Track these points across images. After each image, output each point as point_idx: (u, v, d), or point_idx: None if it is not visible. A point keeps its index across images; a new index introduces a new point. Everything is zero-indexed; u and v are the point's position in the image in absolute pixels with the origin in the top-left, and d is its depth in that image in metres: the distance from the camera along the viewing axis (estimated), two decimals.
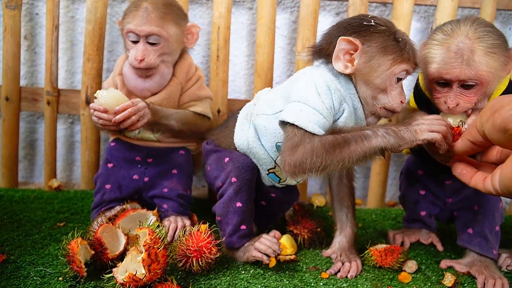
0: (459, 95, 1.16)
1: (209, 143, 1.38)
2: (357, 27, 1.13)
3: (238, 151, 1.29)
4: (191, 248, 1.14)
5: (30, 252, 1.23)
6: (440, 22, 1.62)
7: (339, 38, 1.10)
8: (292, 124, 1.08)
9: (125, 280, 1.03)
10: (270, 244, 1.20)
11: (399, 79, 1.14)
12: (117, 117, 1.25)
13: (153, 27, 1.34)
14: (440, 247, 1.40)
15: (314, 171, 1.06)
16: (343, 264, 1.24)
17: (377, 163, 1.77)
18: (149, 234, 1.07)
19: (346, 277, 1.20)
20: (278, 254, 1.20)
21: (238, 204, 1.23)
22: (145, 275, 1.03)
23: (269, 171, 1.28)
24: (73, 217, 1.49)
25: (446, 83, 1.16)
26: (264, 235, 1.24)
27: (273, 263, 1.20)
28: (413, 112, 1.29)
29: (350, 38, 1.10)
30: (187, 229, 1.20)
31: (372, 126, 1.10)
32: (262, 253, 1.19)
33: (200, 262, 1.14)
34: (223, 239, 1.25)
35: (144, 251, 1.04)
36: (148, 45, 1.35)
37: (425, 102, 1.28)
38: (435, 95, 1.19)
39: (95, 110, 1.27)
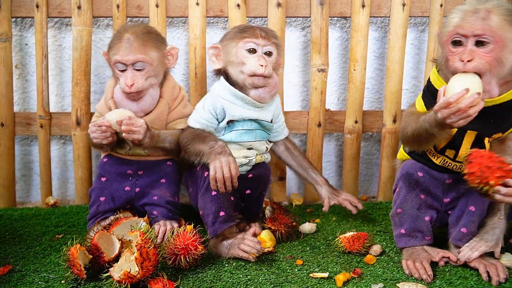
0: (474, 52, 1.17)
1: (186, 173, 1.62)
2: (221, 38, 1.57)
3: None
4: (179, 247, 1.28)
5: (33, 262, 1.36)
6: (394, 32, 1.81)
7: (208, 48, 1.56)
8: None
9: (121, 277, 1.17)
10: (253, 245, 1.36)
11: (250, 51, 1.47)
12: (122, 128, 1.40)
13: (137, 55, 1.47)
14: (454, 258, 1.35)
15: (182, 151, 1.49)
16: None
17: (347, 162, 1.92)
18: (140, 235, 1.21)
19: (318, 261, 1.35)
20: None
21: (213, 193, 1.40)
22: (139, 272, 1.17)
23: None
24: (70, 230, 1.62)
25: (461, 43, 1.19)
26: (247, 236, 1.39)
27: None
28: (422, 114, 1.29)
29: (214, 45, 1.55)
30: (175, 231, 1.34)
31: (217, 139, 1.44)
32: (247, 252, 1.35)
33: (187, 259, 1.28)
34: (208, 232, 1.42)
35: (136, 251, 1.18)
36: (135, 71, 1.48)
37: (434, 96, 1.28)
38: (449, 57, 1.20)
39: (100, 125, 1.42)
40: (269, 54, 1.50)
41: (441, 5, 1.81)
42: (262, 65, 1.46)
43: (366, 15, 1.81)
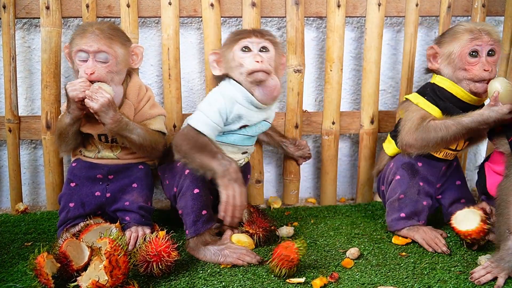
0: (489, 62, 1.45)
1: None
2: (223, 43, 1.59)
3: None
4: (151, 253, 1.24)
5: (0, 271, 1.30)
6: (371, 32, 1.81)
7: (209, 54, 1.56)
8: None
9: (88, 286, 1.12)
10: (249, 259, 1.36)
11: (244, 49, 1.46)
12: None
13: (102, 45, 1.42)
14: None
15: (181, 154, 1.40)
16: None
17: (325, 164, 1.90)
18: (109, 243, 1.17)
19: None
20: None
21: (196, 191, 1.38)
22: (108, 281, 1.13)
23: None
24: (40, 237, 1.56)
25: (477, 55, 1.46)
26: (232, 246, 1.39)
27: None
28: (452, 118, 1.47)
29: (214, 51, 1.56)
30: (147, 237, 1.30)
31: (224, 156, 1.36)
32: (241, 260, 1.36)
33: (160, 266, 1.24)
34: (187, 232, 1.39)
35: (105, 259, 1.14)
36: (96, 62, 1.43)
37: (452, 102, 1.51)
38: (469, 69, 1.46)
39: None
40: (265, 50, 1.48)
41: (416, 5, 1.81)
42: (258, 61, 1.43)
43: (342, 15, 1.79)
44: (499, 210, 1.33)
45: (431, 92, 1.53)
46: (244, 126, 1.51)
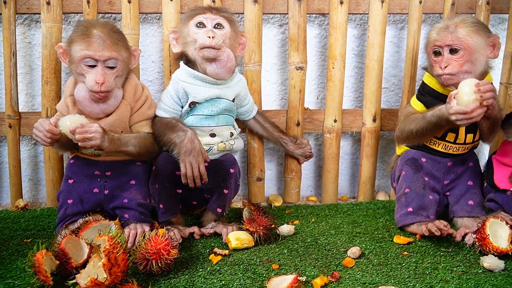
0: (449, 60, 1.48)
1: None
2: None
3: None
4: (150, 251, 1.23)
5: None
6: (374, 29, 1.79)
7: (169, 33, 1.62)
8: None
9: (87, 284, 1.11)
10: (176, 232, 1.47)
11: (199, 25, 1.52)
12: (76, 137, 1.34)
13: (112, 52, 1.42)
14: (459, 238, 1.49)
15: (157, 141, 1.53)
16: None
17: (327, 162, 1.89)
18: (108, 240, 1.16)
19: (296, 264, 1.31)
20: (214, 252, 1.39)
21: (156, 186, 1.51)
22: (107, 279, 1.12)
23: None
24: (39, 233, 1.55)
25: (439, 52, 1.50)
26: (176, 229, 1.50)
27: (215, 259, 1.36)
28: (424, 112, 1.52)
29: (174, 29, 1.62)
30: (146, 234, 1.29)
31: (183, 127, 1.49)
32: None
33: (159, 264, 1.23)
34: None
35: (104, 257, 1.13)
36: (106, 69, 1.43)
37: (433, 96, 1.56)
38: (433, 65, 1.52)
39: (49, 131, 1.36)
40: (219, 26, 1.53)
41: (420, 2, 1.79)
42: (209, 37, 1.48)
43: (345, 12, 1.77)
44: None
45: (420, 89, 1.63)
46: (194, 104, 1.54)
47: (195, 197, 1.60)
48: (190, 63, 1.57)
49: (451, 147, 1.59)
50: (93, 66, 1.42)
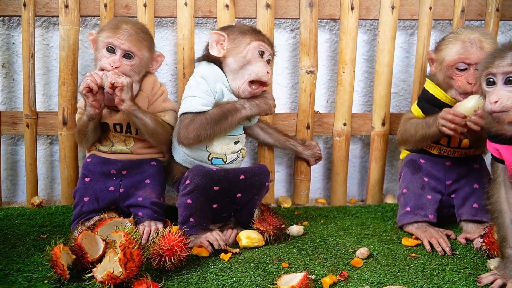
0: (475, 75, 1.47)
1: None
2: (221, 28, 1.60)
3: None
4: (164, 248, 1.27)
5: (16, 261, 1.33)
6: (384, 34, 1.82)
7: (210, 33, 1.55)
8: (184, 113, 1.48)
9: (103, 278, 1.15)
10: (219, 239, 1.43)
11: (261, 54, 1.52)
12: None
13: (132, 46, 1.49)
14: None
15: (206, 139, 1.48)
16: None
17: (336, 165, 1.92)
18: (124, 236, 1.19)
19: (305, 263, 1.34)
20: (225, 250, 1.41)
21: (188, 201, 1.45)
22: (122, 273, 1.15)
23: (209, 159, 1.54)
24: (55, 230, 1.59)
25: (465, 68, 1.49)
26: (218, 232, 1.47)
27: (226, 257, 1.39)
28: (422, 119, 1.58)
29: (217, 31, 1.55)
30: (160, 232, 1.33)
31: (239, 101, 1.51)
32: (209, 243, 1.42)
33: (172, 260, 1.27)
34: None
35: (120, 251, 1.17)
36: (123, 59, 1.49)
37: (431, 103, 1.60)
38: (456, 79, 1.51)
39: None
40: (269, 62, 1.56)
41: (430, 8, 1.82)
42: (268, 72, 1.51)
43: (355, 17, 1.81)
44: (493, 218, 1.30)
45: (420, 95, 1.67)
46: None
47: (227, 210, 1.55)
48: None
49: (445, 150, 1.62)
50: (113, 53, 1.49)
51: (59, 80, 1.79)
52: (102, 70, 1.47)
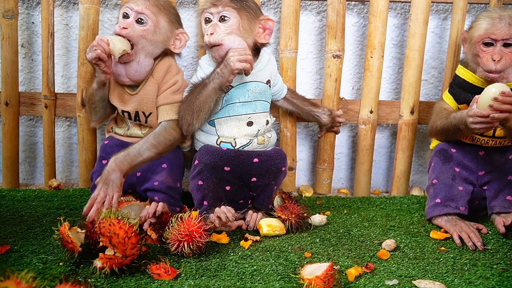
0: (503, 52, 1.43)
1: None
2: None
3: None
4: (183, 233, 1.22)
5: (32, 243, 1.31)
6: (415, 17, 1.73)
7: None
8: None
9: (102, 264, 1.10)
10: (227, 211, 1.37)
11: (206, 21, 1.47)
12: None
13: (146, 9, 1.45)
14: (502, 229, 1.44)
15: (197, 122, 1.43)
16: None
17: (360, 154, 1.85)
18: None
19: (329, 253, 1.28)
20: (245, 238, 1.36)
21: (200, 182, 1.42)
22: (115, 253, 1.10)
23: (218, 143, 1.49)
24: (72, 212, 1.56)
25: (491, 43, 1.45)
26: (227, 206, 1.40)
27: (246, 244, 1.34)
28: (452, 111, 1.52)
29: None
30: (179, 216, 1.28)
31: (208, 76, 1.42)
32: (216, 216, 1.36)
33: (191, 246, 1.22)
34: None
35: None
36: (135, 23, 1.45)
37: (463, 88, 1.54)
38: (482, 55, 1.46)
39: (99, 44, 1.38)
40: (223, 19, 1.44)
41: None
42: (207, 34, 1.44)
43: None
44: None
45: (452, 82, 1.60)
46: (228, 88, 1.46)
47: (243, 195, 1.50)
48: None
49: (478, 139, 1.54)
50: (127, 18, 1.46)
51: (78, 61, 1.75)
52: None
